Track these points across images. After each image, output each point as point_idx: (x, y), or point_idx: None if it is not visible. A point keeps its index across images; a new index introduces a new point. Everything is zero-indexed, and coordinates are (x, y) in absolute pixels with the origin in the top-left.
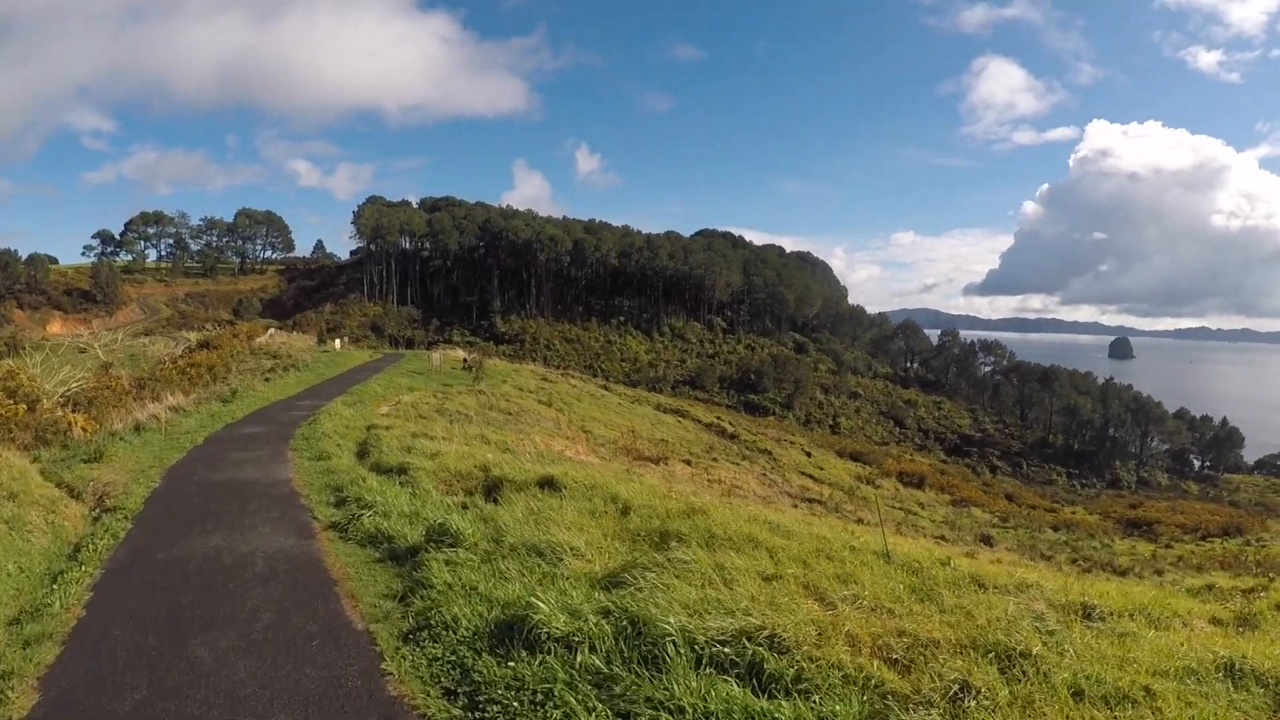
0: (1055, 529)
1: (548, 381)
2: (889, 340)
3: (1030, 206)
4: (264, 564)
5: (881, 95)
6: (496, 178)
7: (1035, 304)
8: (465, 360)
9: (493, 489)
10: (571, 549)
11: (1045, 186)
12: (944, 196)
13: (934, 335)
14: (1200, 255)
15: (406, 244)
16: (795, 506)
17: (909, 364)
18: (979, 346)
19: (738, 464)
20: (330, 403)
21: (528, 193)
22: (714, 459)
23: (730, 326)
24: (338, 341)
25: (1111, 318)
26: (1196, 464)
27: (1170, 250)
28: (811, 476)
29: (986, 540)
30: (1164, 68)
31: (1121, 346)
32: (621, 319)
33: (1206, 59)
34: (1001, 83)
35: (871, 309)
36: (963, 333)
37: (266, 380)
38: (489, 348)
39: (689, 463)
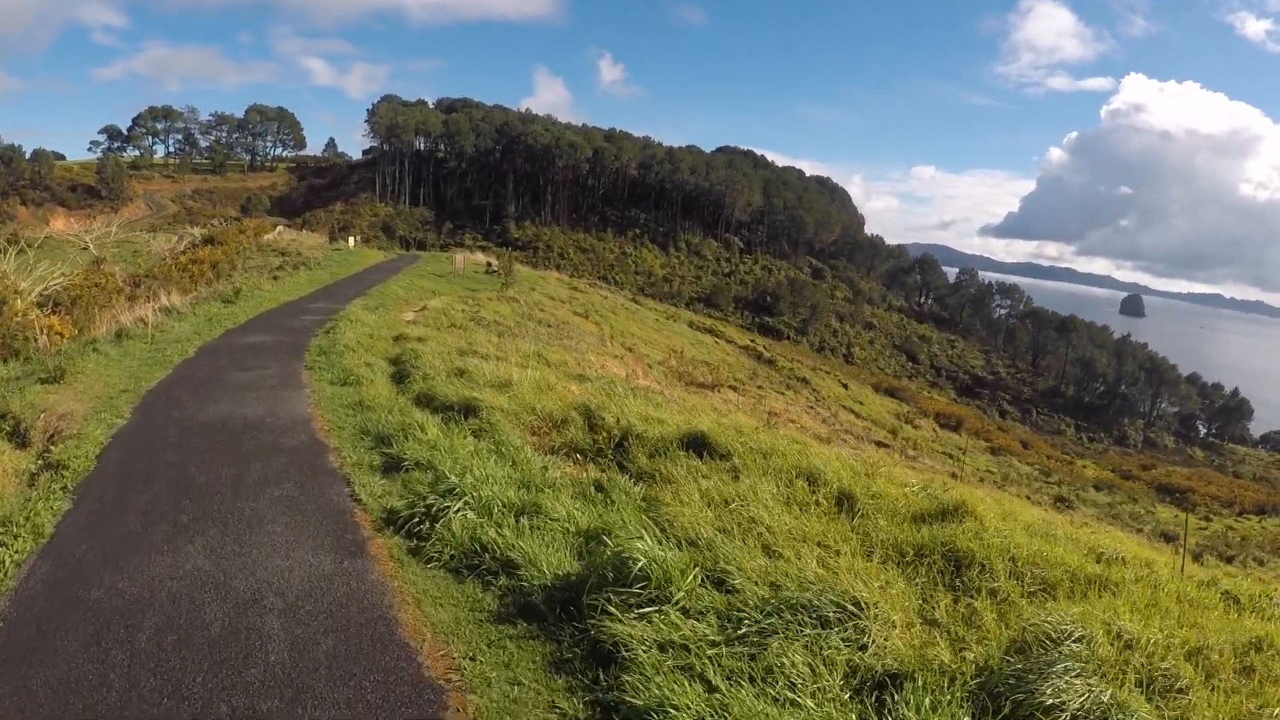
0: (1096, 488)
1: (577, 291)
2: (905, 273)
3: (1056, 153)
4: (285, 634)
5: (920, 24)
6: (516, 83)
7: (1051, 251)
8: (489, 264)
9: (616, 449)
10: (867, 605)
11: (1074, 134)
12: (968, 134)
13: (950, 273)
14: (1224, 222)
15: (421, 145)
16: (878, 450)
17: (923, 299)
18: (996, 288)
19: (782, 393)
20: (348, 306)
21: (547, 99)
22: (759, 386)
23: (748, 246)
24: (351, 240)
25: (1126, 274)
26: (1202, 430)
27: (1194, 213)
28: (853, 412)
29: (1065, 503)
30: (1211, 29)
31: (1134, 303)
32: (637, 231)
33: (1255, 27)
34: (1048, 25)
35: (888, 240)
36: (979, 273)
37: (274, 279)
38: (507, 254)
39: (735, 389)
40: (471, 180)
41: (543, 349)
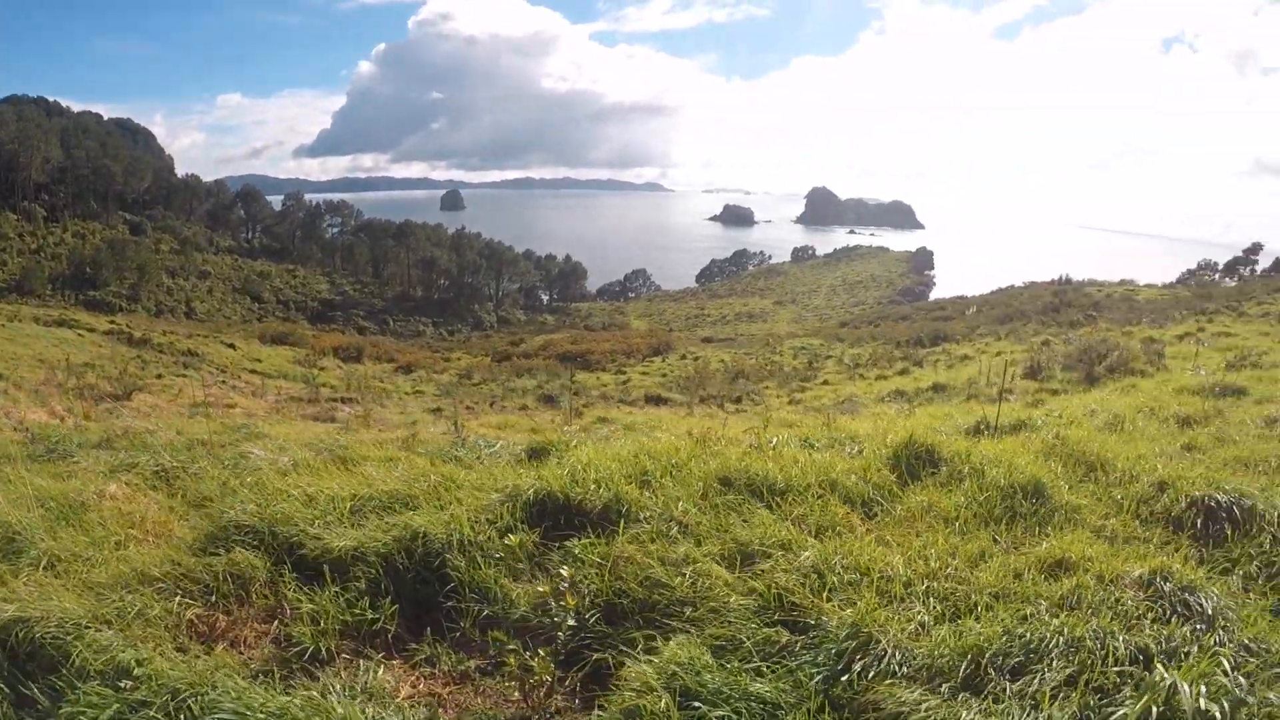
0: (519, 375)
1: None
2: (227, 210)
3: (366, 66)
4: None
5: None
6: None
7: (367, 163)
8: None
9: None
10: None
11: (382, 46)
12: (277, 55)
13: (275, 201)
14: (529, 113)
15: None
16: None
17: (251, 235)
18: (325, 208)
19: (186, 375)
20: None
21: None
22: (159, 376)
23: (52, 213)
24: None
25: (442, 173)
26: (545, 298)
27: (501, 109)
28: (257, 372)
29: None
30: None
31: (453, 199)
32: None
33: None
34: None
35: (203, 178)
36: (304, 196)
37: None
38: None
39: (143, 389)
40: None
41: None
